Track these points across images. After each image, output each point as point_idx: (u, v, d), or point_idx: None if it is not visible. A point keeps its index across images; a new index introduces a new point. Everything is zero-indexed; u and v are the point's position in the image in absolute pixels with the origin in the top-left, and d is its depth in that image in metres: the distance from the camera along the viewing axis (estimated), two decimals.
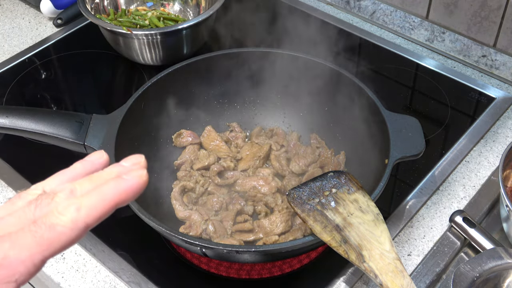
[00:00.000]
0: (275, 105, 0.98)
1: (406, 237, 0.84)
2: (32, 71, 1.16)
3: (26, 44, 1.22)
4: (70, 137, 0.81)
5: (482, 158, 0.96)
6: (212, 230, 0.79)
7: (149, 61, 1.12)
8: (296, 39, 1.11)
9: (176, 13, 1.24)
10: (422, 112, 1.04)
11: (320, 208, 0.71)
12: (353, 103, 0.88)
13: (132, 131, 0.84)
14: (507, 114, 1.04)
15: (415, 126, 0.80)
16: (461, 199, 0.89)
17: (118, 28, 1.05)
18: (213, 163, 0.89)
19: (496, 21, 1.06)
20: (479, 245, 0.78)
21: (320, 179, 0.76)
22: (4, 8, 1.34)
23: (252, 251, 0.68)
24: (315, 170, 0.88)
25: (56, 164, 0.96)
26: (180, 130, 0.93)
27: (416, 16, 1.18)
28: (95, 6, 1.17)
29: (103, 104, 1.12)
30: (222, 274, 0.79)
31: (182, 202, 0.84)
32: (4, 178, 0.93)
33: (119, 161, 0.38)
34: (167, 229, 0.68)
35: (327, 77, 0.90)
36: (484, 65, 1.13)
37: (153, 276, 0.78)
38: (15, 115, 0.81)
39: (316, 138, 0.94)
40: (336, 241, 0.67)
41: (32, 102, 1.10)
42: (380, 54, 1.17)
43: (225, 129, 0.98)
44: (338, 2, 1.30)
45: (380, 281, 0.63)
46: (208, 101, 0.96)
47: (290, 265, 0.80)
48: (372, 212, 0.70)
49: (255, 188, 0.86)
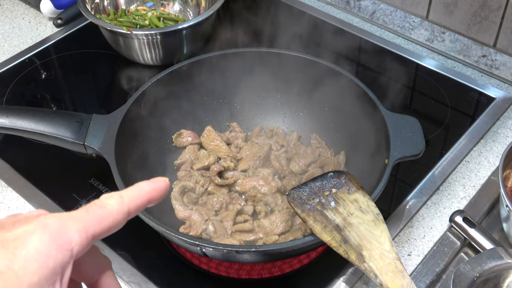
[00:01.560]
0: (275, 105, 0.98)
1: (406, 237, 0.84)
2: (32, 71, 1.16)
3: (26, 44, 1.22)
4: (70, 137, 0.81)
5: (482, 158, 0.96)
6: (212, 230, 0.79)
7: (149, 61, 1.12)
8: (296, 39, 1.11)
9: (176, 13, 1.24)
10: (422, 112, 1.04)
11: (320, 208, 0.71)
12: (353, 103, 0.88)
13: (132, 131, 0.84)
14: (507, 114, 1.04)
15: (415, 126, 0.80)
16: (461, 199, 0.89)
17: (118, 28, 1.05)
18: (213, 163, 0.89)
19: (496, 21, 1.06)
20: (479, 245, 0.78)
21: (320, 179, 0.76)
22: (4, 8, 1.34)
23: (252, 251, 0.68)
24: (315, 170, 0.88)
25: (56, 164, 0.97)
26: (180, 130, 0.93)
27: (416, 16, 1.18)
28: (95, 6, 1.17)
29: (103, 104, 1.12)
30: (222, 274, 0.79)
31: (182, 202, 0.84)
32: (4, 178, 0.93)
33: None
34: (167, 229, 0.68)
35: (327, 77, 0.90)
36: (484, 65, 1.13)
37: (153, 276, 0.78)
38: (15, 115, 0.81)
39: (316, 138, 0.94)
40: (336, 241, 0.67)
41: (32, 102, 1.10)
42: (380, 54, 1.17)
43: (225, 129, 0.98)
44: (338, 2, 1.30)
45: (380, 281, 0.63)
46: (208, 101, 0.96)
47: (290, 265, 0.80)
48: (372, 212, 0.70)
49: (255, 188, 0.86)
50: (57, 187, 0.91)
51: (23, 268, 0.33)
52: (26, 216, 0.37)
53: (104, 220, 0.38)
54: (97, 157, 0.81)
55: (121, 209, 0.39)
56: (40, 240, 0.34)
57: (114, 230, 0.39)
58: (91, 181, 0.92)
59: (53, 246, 0.35)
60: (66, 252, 0.35)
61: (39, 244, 0.34)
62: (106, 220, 0.38)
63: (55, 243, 0.35)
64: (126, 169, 0.78)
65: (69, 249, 0.35)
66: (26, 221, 0.36)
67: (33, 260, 0.34)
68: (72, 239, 0.36)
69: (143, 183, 0.41)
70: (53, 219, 0.36)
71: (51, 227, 0.35)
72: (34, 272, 0.33)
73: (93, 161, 0.86)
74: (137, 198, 0.40)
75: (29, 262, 0.33)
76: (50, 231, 0.35)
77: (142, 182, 0.42)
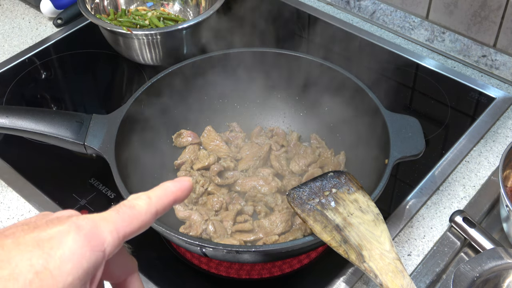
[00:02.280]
0: (275, 105, 0.98)
1: (406, 237, 0.84)
2: (32, 71, 1.16)
3: (26, 44, 1.22)
4: (70, 137, 0.81)
5: (482, 158, 0.96)
6: (212, 230, 0.79)
7: (149, 61, 1.12)
8: (296, 39, 1.11)
9: (176, 13, 1.24)
10: (422, 112, 1.04)
11: (320, 208, 0.71)
12: (353, 103, 0.88)
13: (132, 131, 0.84)
14: (507, 114, 1.04)
15: (415, 126, 0.80)
16: (461, 199, 0.89)
17: (118, 28, 1.05)
18: (213, 163, 0.89)
19: (496, 21, 1.06)
20: (479, 245, 0.78)
21: (320, 179, 0.76)
22: (4, 8, 1.34)
23: (252, 251, 0.68)
24: (315, 170, 0.88)
25: (56, 164, 0.97)
26: (180, 130, 0.93)
27: (416, 16, 1.18)
28: (95, 6, 1.17)
29: (103, 104, 1.12)
30: (222, 274, 0.79)
31: (182, 202, 0.84)
32: (4, 178, 0.93)
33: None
34: (167, 229, 0.68)
35: (327, 77, 0.90)
36: (484, 65, 1.13)
37: (153, 276, 0.78)
38: (15, 115, 0.81)
39: (316, 138, 0.94)
40: (336, 241, 0.67)
41: (32, 102, 1.10)
42: (380, 54, 1.17)
43: (225, 129, 0.98)
44: (338, 2, 1.30)
45: (380, 281, 0.63)
46: (208, 101, 0.96)
47: (290, 265, 0.80)
48: (372, 212, 0.70)
49: (255, 188, 0.86)
50: (57, 187, 0.91)
51: (58, 268, 0.34)
52: (58, 216, 0.38)
53: (134, 220, 0.39)
54: (97, 157, 0.81)
55: (149, 210, 0.40)
56: (74, 240, 0.35)
57: (143, 230, 0.40)
58: (91, 181, 0.92)
59: (87, 247, 0.35)
60: (99, 253, 0.36)
61: (73, 244, 0.35)
62: (136, 221, 0.39)
63: (89, 244, 0.36)
64: (126, 169, 0.78)
65: (102, 250, 0.36)
66: (59, 222, 0.36)
67: (68, 260, 0.34)
68: (105, 240, 0.36)
69: (168, 183, 0.43)
70: (86, 220, 0.37)
71: (84, 228, 0.36)
72: (69, 272, 0.34)
73: (93, 161, 0.86)
74: (163, 198, 0.41)
75: (64, 262, 0.34)
76: (84, 232, 0.36)
77: (167, 182, 0.43)
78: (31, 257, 0.34)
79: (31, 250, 0.34)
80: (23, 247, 0.34)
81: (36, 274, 0.33)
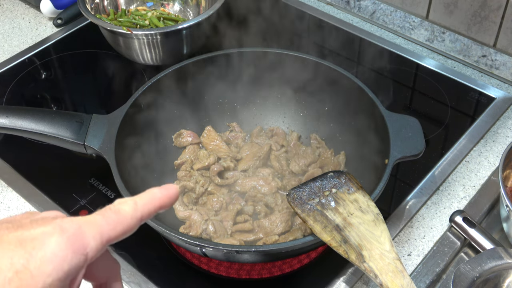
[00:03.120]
0: (275, 105, 0.98)
1: (406, 237, 0.84)
2: (32, 71, 1.16)
3: (26, 44, 1.22)
4: (70, 137, 0.81)
5: (482, 158, 0.96)
6: (212, 230, 0.79)
7: (149, 61, 1.12)
8: (296, 39, 1.11)
9: (176, 13, 1.24)
10: (422, 112, 1.04)
11: (320, 208, 0.71)
12: (353, 103, 0.88)
13: (132, 131, 0.84)
14: (507, 114, 1.04)
15: (415, 126, 0.80)
16: (461, 199, 0.89)
17: (118, 28, 1.05)
18: (213, 163, 0.89)
19: (496, 21, 1.06)
20: (479, 245, 0.78)
21: (320, 179, 0.76)
22: (4, 8, 1.34)
23: (252, 251, 0.68)
24: (315, 170, 0.88)
25: (56, 164, 0.97)
26: (180, 130, 0.93)
27: (416, 16, 1.18)
28: (95, 6, 1.17)
29: (103, 104, 1.12)
30: (222, 274, 0.79)
31: (182, 202, 0.84)
32: (4, 178, 0.93)
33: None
34: (167, 229, 0.68)
35: (327, 77, 0.90)
36: (484, 65, 1.13)
37: (153, 276, 0.78)
38: (15, 115, 0.81)
39: (316, 138, 0.94)
40: (336, 241, 0.67)
41: (32, 102, 1.10)
42: (380, 54, 1.17)
43: (225, 129, 0.98)
44: (338, 2, 1.30)
45: (380, 281, 0.63)
46: (208, 101, 0.96)
47: (290, 265, 0.80)
48: (372, 212, 0.70)
49: (255, 188, 0.86)
50: (57, 187, 0.91)
51: (39, 269, 0.34)
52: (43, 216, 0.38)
53: (118, 225, 0.39)
54: (97, 157, 0.81)
55: (135, 215, 0.40)
56: (57, 243, 0.35)
57: (127, 235, 0.40)
58: (91, 181, 0.92)
59: (69, 249, 0.36)
60: (81, 257, 0.36)
61: (56, 246, 0.35)
62: (121, 226, 0.39)
63: (71, 247, 0.36)
64: (126, 169, 0.78)
65: (84, 254, 0.36)
66: (43, 222, 0.37)
67: (49, 261, 0.35)
68: (88, 244, 0.37)
69: (155, 189, 0.42)
70: (71, 223, 0.37)
71: (68, 231, 0.36)
72: (49, 274, 0.34)
73: (93, 161, 0.86)
74: (149, 204, 0.41)
75: (45, 263, 0.34)
76: (67, 235, 0.36)
77: (154, 188, 0.43)
78: (13, 256, 0.34)
79: (13, 249, 0.34)
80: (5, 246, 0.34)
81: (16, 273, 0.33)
